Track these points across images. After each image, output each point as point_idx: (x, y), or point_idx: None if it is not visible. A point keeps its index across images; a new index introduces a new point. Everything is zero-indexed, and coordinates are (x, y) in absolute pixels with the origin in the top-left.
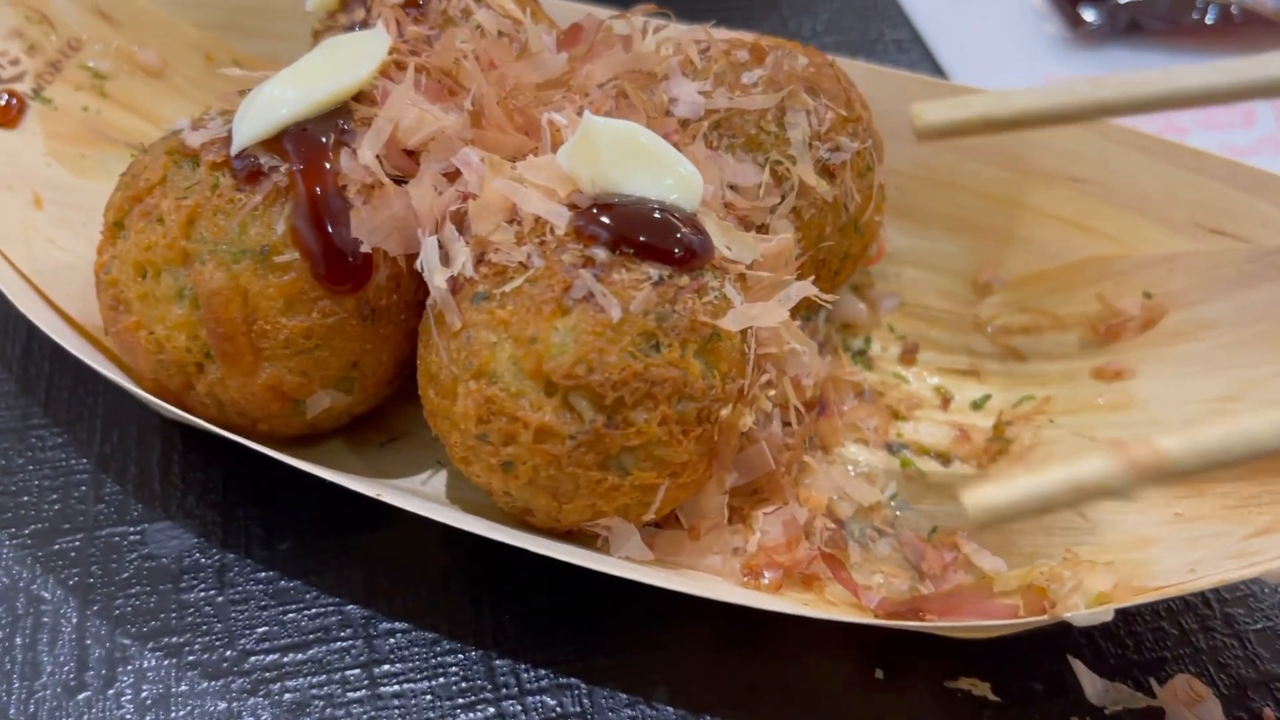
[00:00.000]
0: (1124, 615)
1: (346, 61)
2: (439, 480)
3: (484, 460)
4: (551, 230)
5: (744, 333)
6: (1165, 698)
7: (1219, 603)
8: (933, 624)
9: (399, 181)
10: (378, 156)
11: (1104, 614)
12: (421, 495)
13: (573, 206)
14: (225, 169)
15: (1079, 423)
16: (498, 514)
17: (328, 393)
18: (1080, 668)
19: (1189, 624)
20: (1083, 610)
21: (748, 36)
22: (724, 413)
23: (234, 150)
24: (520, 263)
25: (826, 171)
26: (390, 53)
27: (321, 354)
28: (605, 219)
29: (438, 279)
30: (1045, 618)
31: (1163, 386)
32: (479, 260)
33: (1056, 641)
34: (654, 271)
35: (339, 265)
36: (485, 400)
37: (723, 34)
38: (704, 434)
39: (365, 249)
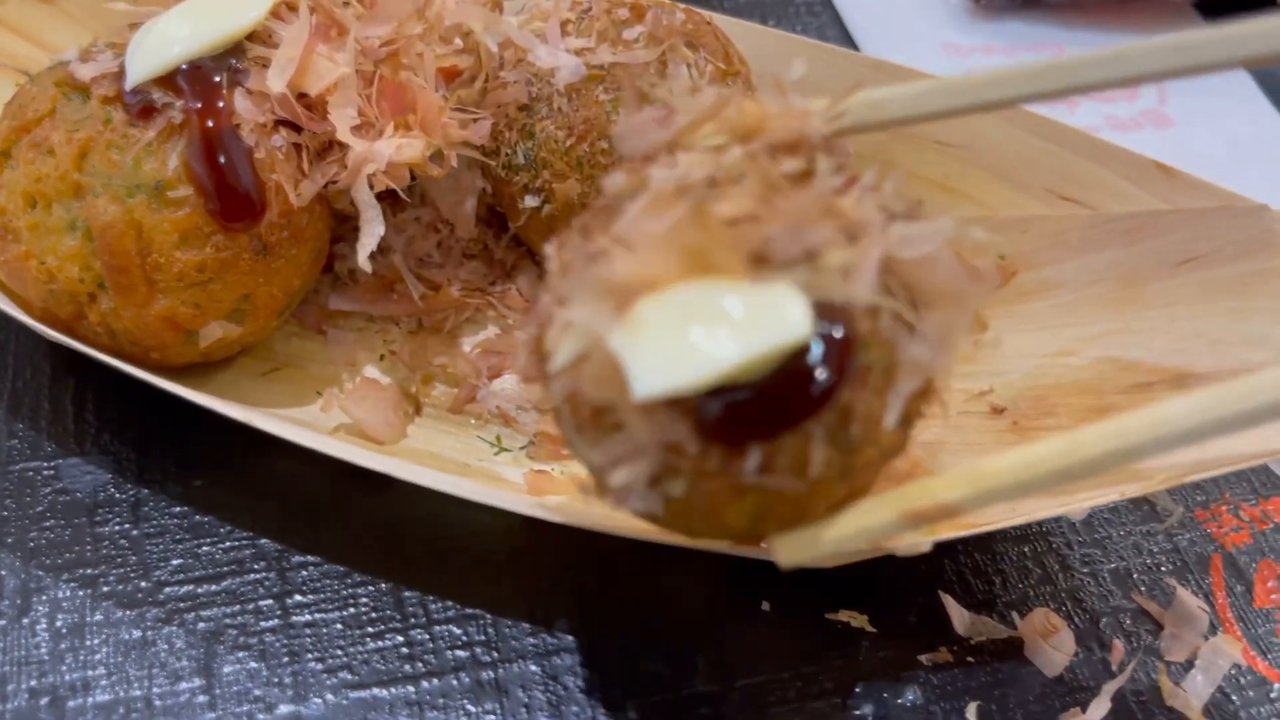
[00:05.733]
0: (992, 555)
1: (238, 1)
2: (325, 412)
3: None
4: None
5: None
6: (1024, 629)
7: (1079, 544)
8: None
9: (294, 128)
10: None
11: (922, 545)
12: (306, 425)
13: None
14: (117, 103)
15: None
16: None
17: (220, 323)
18: (950, 602)
19: (1051, 564)
20: (906, 541)
21: None
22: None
23: (128, 86)
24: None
25: None
26: None
27: (214, 287)
28: (739, 431)
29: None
30: (870, 547)
31: (1007, 341)
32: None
33: (929, 579)
34: (815, 425)
35: (232, 202)
36: (695, 540)
37: None
38: None
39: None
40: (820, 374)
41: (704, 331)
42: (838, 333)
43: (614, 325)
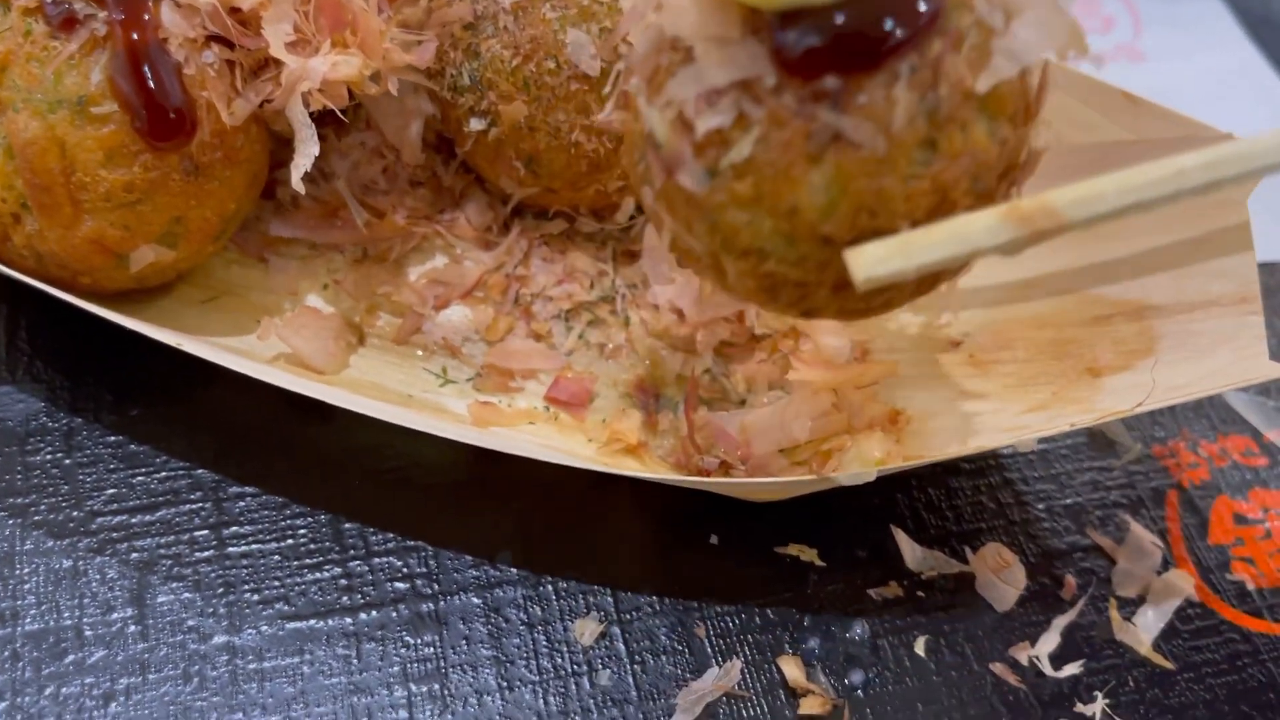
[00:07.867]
0: (946, 490)
1: None
2: (262, 340)
3: (777, 307)
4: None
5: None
6: (976, 564)
7: (1035, 480)
8: (720, 480)
9: (227, 44)
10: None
11: (866, 475)
12: (243, 354)
13: (759, 35)
14: (38, 15)
15: None
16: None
17: (151, 247)
18: (902, 536)
19: (1005, 498)
20: (851, 471)
21: None
22: (1024, 153)
23: None
24: (738, 118)
25: None
26: None
27: (144, 208)
28: (818, 59)
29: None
30: (815, 478)
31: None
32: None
33: (882, 513)
34: (903, 64)
35: (161, 120)
36: (763, 275)
37: None
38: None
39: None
40: (908, 8)
41: None
42: None
43: None
